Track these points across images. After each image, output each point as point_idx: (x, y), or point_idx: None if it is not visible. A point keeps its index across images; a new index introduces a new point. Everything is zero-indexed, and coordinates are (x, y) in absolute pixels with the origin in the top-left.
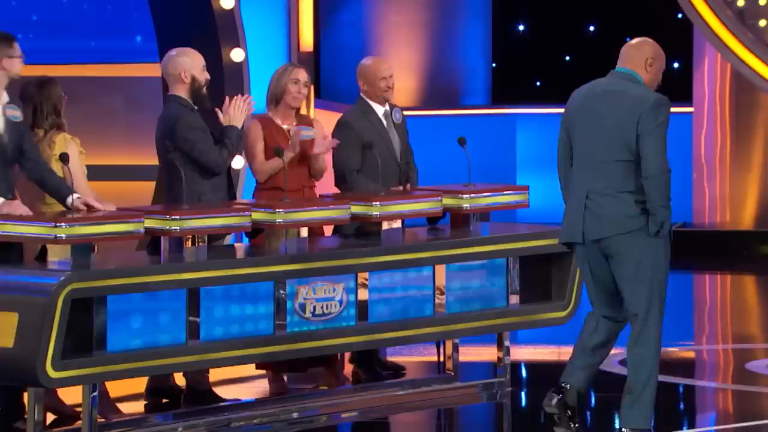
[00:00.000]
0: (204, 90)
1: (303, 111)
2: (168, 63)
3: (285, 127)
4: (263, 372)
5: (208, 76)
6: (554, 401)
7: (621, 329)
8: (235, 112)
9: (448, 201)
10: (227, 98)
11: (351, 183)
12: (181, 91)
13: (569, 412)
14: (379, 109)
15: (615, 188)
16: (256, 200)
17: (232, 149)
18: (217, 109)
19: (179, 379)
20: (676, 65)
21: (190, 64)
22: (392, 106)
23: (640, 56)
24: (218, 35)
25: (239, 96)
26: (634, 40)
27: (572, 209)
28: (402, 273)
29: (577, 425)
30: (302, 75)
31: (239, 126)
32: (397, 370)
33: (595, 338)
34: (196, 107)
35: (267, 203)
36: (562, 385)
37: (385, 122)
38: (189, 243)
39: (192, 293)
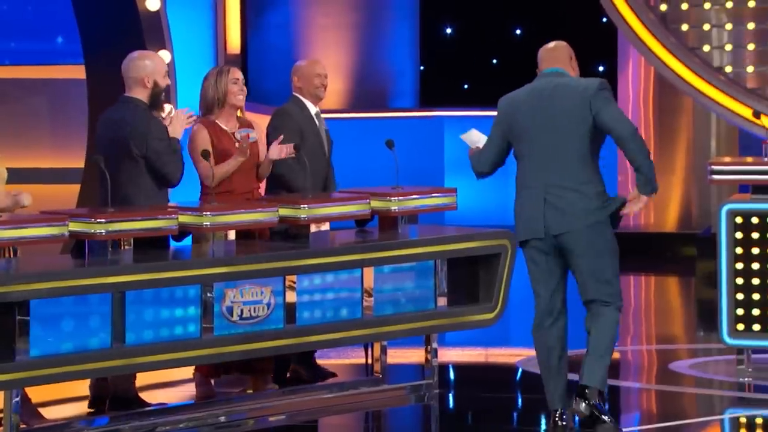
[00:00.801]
0: (163, 95)
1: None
2: (131, 65)
3: (228, 129)
4: (190, 376)
5: (169, 81)
6: (582, 406)
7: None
8: (176, 124)
9: (376, 203)
10: (171, 107)
11: (286, 170)
12: (141, 95)
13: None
14: (312, 108)
15: (575, 181)
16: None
17: (183, 160)
18: (164, 119)
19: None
20: (601, 69)
21: (153, 69)
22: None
23: (564, 56)
24: (144, 37)
25: (182, 109)
26: (552, 44)
27: (530, 206)
28: (330, 275)
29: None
30: (239, 74)
31: (179, 138)
32: (325, 376)
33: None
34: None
35: (194, 206)
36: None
37: (317, 122)
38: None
39: (117, 297)
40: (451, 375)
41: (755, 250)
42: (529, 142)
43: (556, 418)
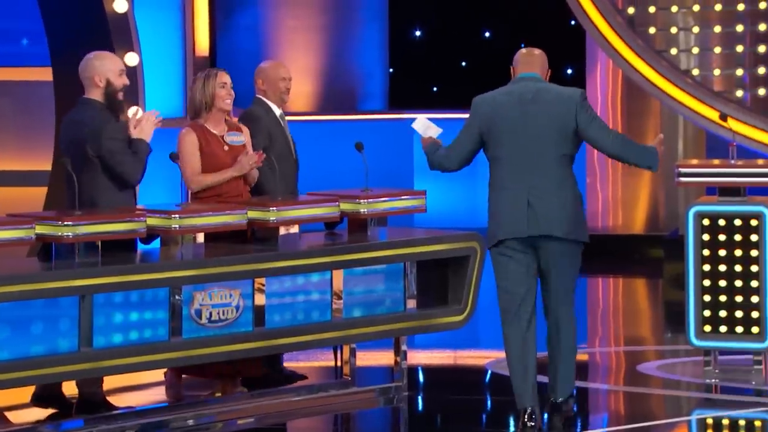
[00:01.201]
0: (120, 95)
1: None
2: (84, 66)
3: (217, 133)
4: (159, 379)
5: (127, 81)
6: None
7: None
8: (145, 126)
9: (345, 206)
10: (138, 108)
11: (260, 171)
12: (96, 95)
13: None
14: (276, 110)
15: (555, 184)
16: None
17: (145, 162)
18: (128, 120)
19: (69, 388)
20: (569, 71)
21: (104, 68)
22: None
23: (542, 63)
24: (112, 39)
25: (151, 111)
26: (527, 49)
27: (511, 206)
28: (299, 278)
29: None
30: (227, 78)
31: (148, 140)
32: (294, 379)
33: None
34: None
35: (162, 209)
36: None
37: (282, 123)
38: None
39: (84, 300)
40: (420, 377)
41: (722, 252)
42: (509, 144)
43: (526, 419)
